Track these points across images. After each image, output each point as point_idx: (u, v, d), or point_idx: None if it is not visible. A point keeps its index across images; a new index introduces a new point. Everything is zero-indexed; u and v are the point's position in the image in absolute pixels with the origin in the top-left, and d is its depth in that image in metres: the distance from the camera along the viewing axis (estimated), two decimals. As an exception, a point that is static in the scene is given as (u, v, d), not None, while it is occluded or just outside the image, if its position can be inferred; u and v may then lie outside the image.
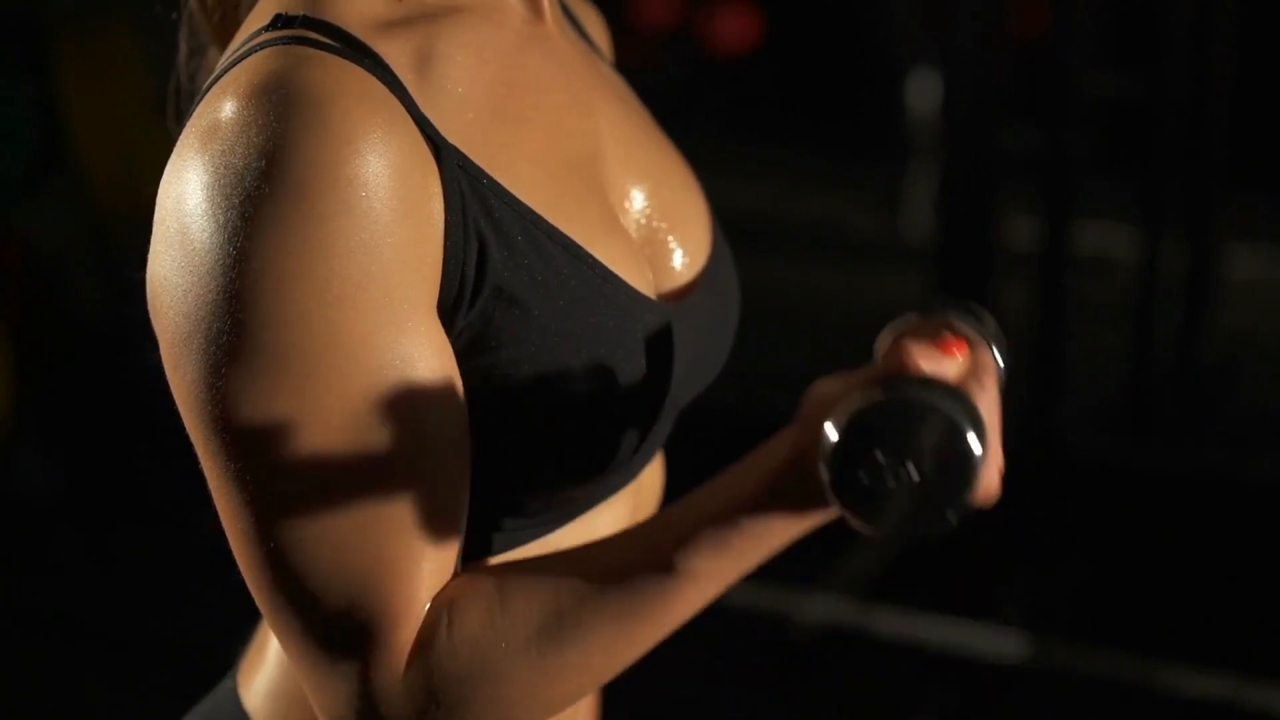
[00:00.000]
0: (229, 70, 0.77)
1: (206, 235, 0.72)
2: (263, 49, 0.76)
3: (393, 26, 0.81)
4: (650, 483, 1.00)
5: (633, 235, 0.91)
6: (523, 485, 0.84)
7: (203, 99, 0.77)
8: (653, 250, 0.93)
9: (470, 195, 0.78)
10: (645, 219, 0.93)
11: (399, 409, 0.74)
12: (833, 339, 4.51)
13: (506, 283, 0.79)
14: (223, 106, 0.74)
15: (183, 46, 0.95)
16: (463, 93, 0.82)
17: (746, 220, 5.29)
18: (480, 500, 0.81)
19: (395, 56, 0.79)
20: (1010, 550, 3.39)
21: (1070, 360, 3.64)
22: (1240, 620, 3.07)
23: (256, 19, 0.82)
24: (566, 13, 1.01)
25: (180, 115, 0.95)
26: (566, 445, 0.82)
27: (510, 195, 0.81)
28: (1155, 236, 3.85)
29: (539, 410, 0.81)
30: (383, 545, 0.74)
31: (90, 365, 3.86)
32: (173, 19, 0.95)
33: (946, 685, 2.91)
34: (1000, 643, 3.00)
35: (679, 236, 0.95)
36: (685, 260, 0.94)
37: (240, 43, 0.81)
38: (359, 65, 0.76)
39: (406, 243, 0.74)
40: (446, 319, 0.77)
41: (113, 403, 3.76)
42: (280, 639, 0.77)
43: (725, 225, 1.05)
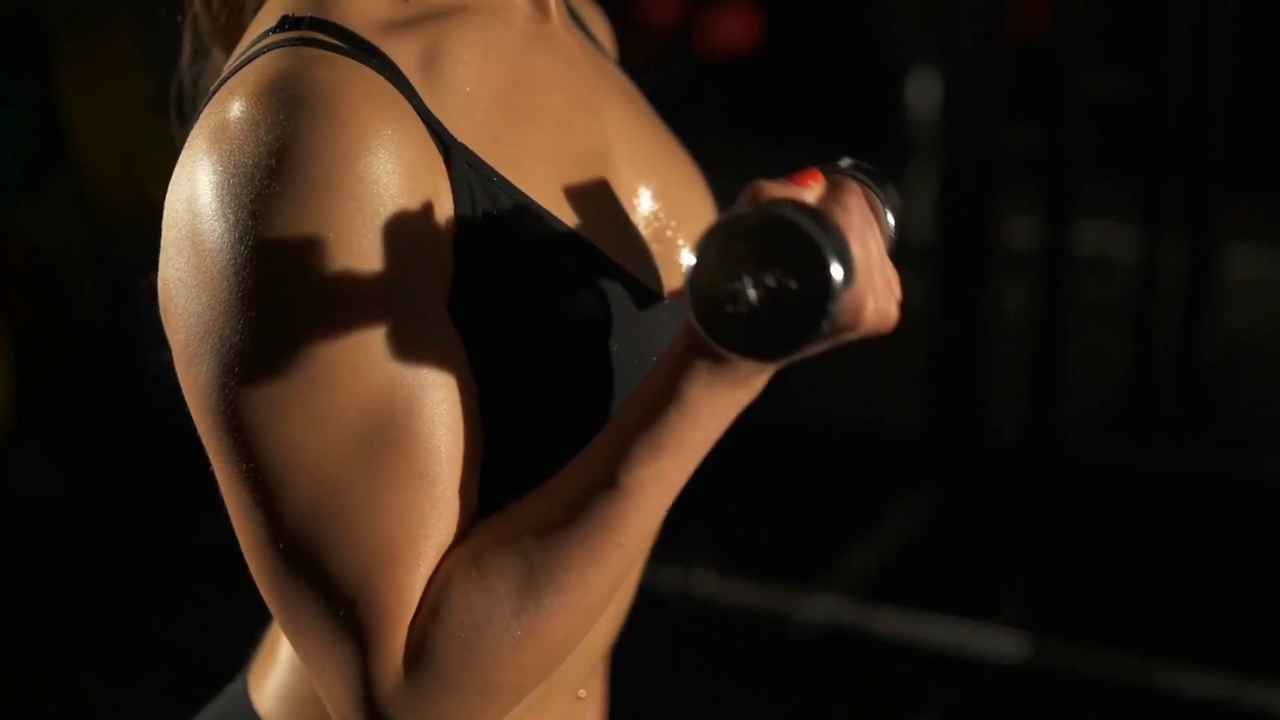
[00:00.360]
0: (237, 72, 0.77)
1: (217, 234, 0.72)
2: (270, 50, 0.77)
3: (399, 27, 0.81)
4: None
5: (641, 232, 0.92)
6: (529, 481, 0.84)
7: (210, 100, 0.77)
8: (661, 247, 0.93)
9: (480, 193, 0.79)
10: (653, 216, 0.94)
11: (410, 407, 0.74)
12: (833, 339, 4.49)
13: (516, 279, 0.79)
14: (231, 106, 0.74)
15: (186, 48, 0.95)
16: (470, 92, 0.83)
17: (746, 220, 5.28)
18: (486, 496, 0.81)
19: (402, 56, 0.79)
20: (1010, 550, 3.40)
21: (1070, 360, 3.64)
22: (1240, 620, 3.07)
23: (263, 21, 0.82)
24: (572, 12, 1.01)
25: (183, 118, 0.96)
26: (574, 441, 0.83)
27: (519, 193, 0.81)
28: (1155, 236, 3.85)
29: (546, 405, 0.81)
30: (394, 546, 0.74)
31: (90, 365, 3.86)
32: (174, 20, 0.95)
33: (946, 685, 2.91)
34: (1000, 643, 3.00)
35: (687, 234, 0.95)
36: None
37: (247, 45, 0.81)
38: (367, 65, 0.76)
39: (417, 239, 0.75)
40: (456, 316, 0.77)
41: (113, 403, 3.76)
42: (291, 639, 0.77)
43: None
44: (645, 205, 0.93)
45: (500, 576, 0.75)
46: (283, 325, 0.72)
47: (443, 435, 0.75)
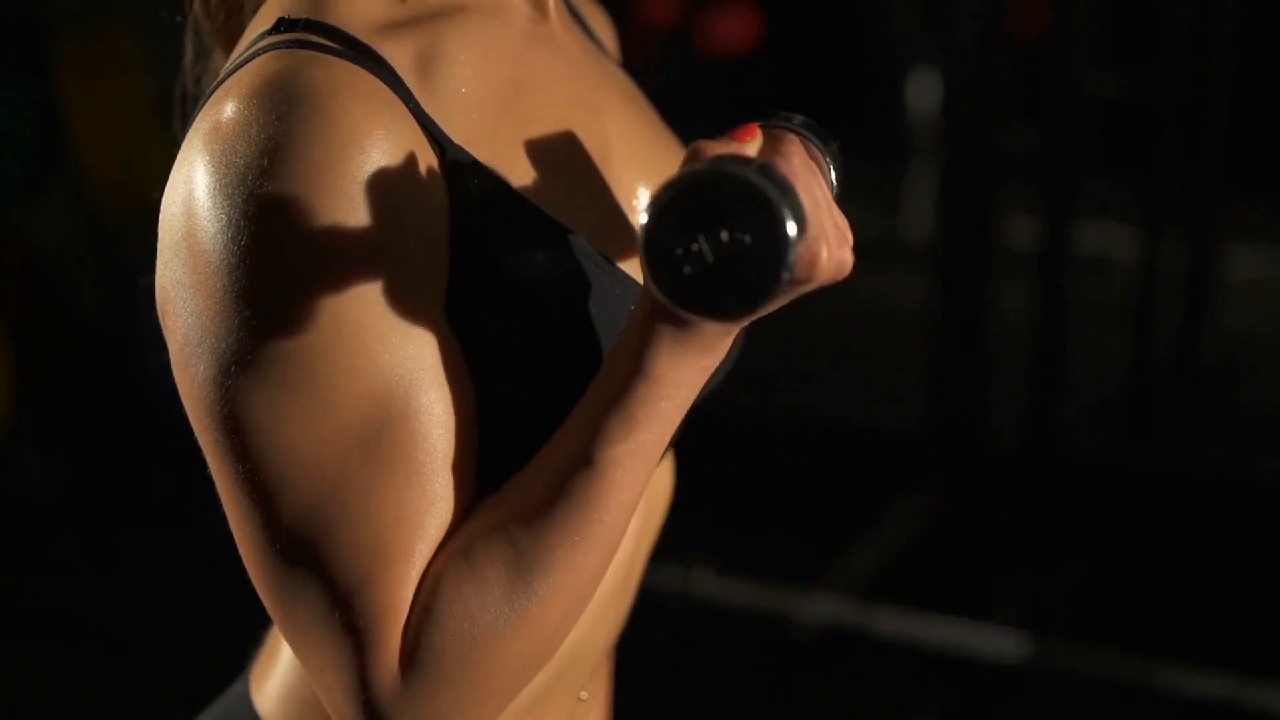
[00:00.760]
0: (232, 74, 0.77)
1: (211, 235, 0.72)
2: (266, 52, 0.77)
3: (395, 28, 0.81)
4: (661, 483, 1.00)
5: (641, 233, 0.92)
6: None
7: (206, 102, 0.77)
8: None
9: (476, 193, 0.78)
10: None
11: (406, 407, 0.74)
12: (833, 339, 4.51)
13: (513, 280, 0.79)
14: (225, 107, 0.74)
15: (188, 50, 0.96)
16: (467, 92, 0.82)
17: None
18: (484, 496, 0.80)
19: (398, 58, 0.79)
20: (1010, 550, 3.40)
21: (1070, 360, 3.64)
22: (1240, 620, 3.07)
23: (260, 23, 0.82)
24: (572, 11, 1.01)
25: (186, 119, 0.96)
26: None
27: (516, 193, 0.81)
28: (1155, 236, 3.85)
29: (543, 405, 0.81)
30: (391, 546, 0.74)
31: (90, 365, 3.86)
32: (175, 20, 0.95)
33: (946, 685, 2.92)
34: (1000, 643, 3.00)
35: None
36: None
37: (244, 47, 0.81)
38: (361, 67, 0.76)
39: (412, 239, 0.75)
40: (453, 316, 0.77)
41: (113, 403, 3.76)
42: (288, 640, 0.77)
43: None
44: (645, 206, 0.93)
45: (490, 564, 0.75)
46: (278, 326, 0.72)
47: (439, 435, 0.75)
